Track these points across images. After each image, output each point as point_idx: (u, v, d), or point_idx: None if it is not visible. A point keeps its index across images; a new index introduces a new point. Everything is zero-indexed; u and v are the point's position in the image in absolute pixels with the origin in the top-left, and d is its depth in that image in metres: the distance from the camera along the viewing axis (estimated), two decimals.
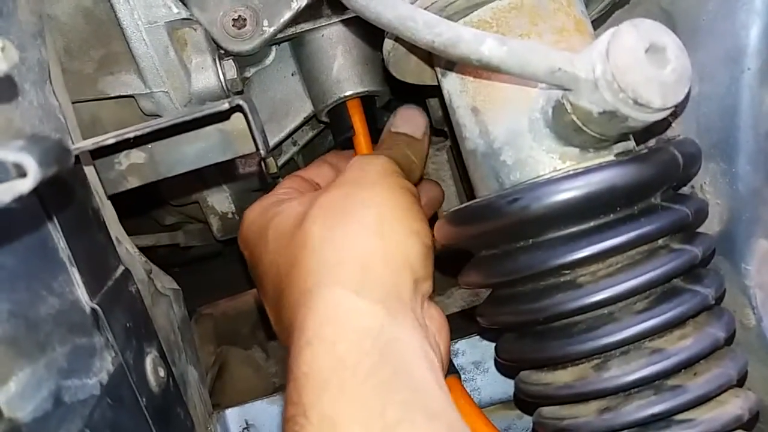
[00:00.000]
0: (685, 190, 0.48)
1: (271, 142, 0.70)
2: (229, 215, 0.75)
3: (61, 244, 0.32)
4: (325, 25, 0.65)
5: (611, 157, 0.41)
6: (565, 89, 0.37)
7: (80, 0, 0.57)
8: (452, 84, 0.45)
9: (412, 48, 0.46)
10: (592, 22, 0.50)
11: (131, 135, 0.33)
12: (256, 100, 0.70)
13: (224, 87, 0.60)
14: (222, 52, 0.63)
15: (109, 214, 0.42)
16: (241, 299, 0.96)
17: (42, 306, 0.30)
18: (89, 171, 0.39)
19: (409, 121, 0.60)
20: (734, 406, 0.39)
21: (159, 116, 0.61)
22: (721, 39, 0.44)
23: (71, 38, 0.58)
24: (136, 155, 0.40)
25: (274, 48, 0.69)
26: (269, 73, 0.70)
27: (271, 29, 0.63)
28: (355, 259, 0.43)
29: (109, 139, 0.33)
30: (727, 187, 0.45)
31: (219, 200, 0.72)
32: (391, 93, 0.70)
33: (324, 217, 0.45)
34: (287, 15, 0.63)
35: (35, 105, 0.36)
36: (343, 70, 0.66)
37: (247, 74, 0.70)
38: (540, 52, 0.36)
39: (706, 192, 0.46)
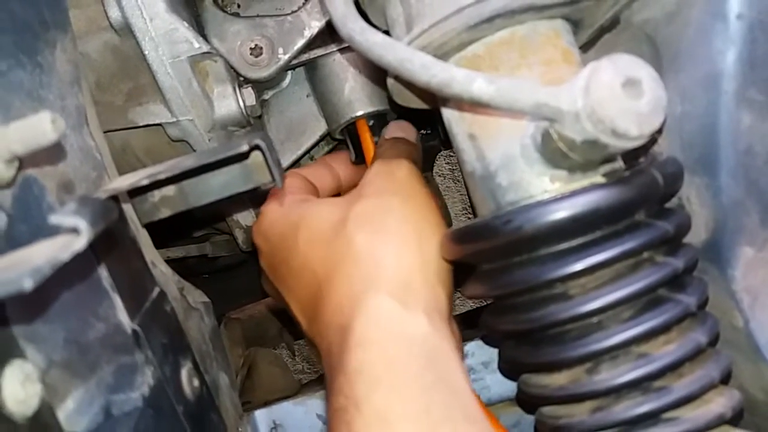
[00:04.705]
0: (675, 201, 0.51)
1: (290, 160, 0.74)
2: None
3: (104, 274, 0.37)
4: (336, 50, 0.69)
5: (598, 178, 0.44)
6: (551, 120, 0.41)
7: (108, 38, 0.62)
8: (451, 112, 0.49)
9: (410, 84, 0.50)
10: (584, 44, 0.54)
11: (163, 176, 0.37)
12: (274, 120, 0.75)
13: (244, 113, 0.65)
14: (241, 79, 0.68)
15: (144, 240, 0.46)
16: (266, 303, 1.01)
17: (90, 331, 0.34)
18: (125, 204, 0.44)
19: (402, 130, 0.63)
20: (717, 404, 0.43)
21: (185, 141, 0.66)
22: (700, 63, 0.47)
23: (101, 73, 0.63)
24: (167, 188, 0.44)
25: (289, 72, 0.74)
26: (286, 95, 0.75)
27: (286, 56, 0.68)
28: (398, 272, 0.46)
29: (143, 180, 0.37)
30: (711, 199, 0.48)
31: (243, 215, 0.76)
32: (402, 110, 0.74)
33: (365, 226, 0.48)
34: (300, 42, 0.68)
35: (75, 148, 0.41)
36: (354, 92, 0.70)
37: (266, 97, 0.75)
38: (526, 89, 0.40)
39: (692, 203, 0.50)
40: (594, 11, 0.49)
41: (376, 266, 0.46)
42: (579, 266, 0.42)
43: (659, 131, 0.50)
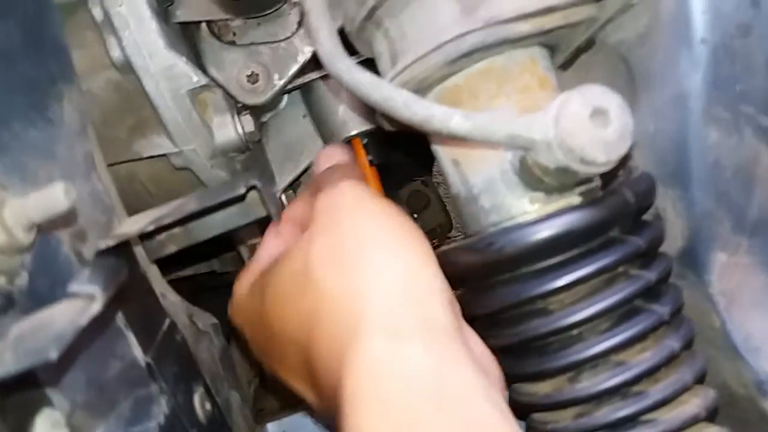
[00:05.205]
0: (652, 211, 0.54)
1: (289, 179, 0.78)
2: (257, 245, 0.83)
3: (119, 314, 0.40)
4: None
5: (574, 198, 0.47)
6: (526, 149, 0.44)
7: (111, 75, 0.65)
8: (436, 140, 0.52)
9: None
10: (563, 64, 0.57)
11: (168, 220, 0.41)
12: (272, 141, 0.78)
13: (243, 140, 0.68)
14: (240, 105, 0.71)
15: (153, 274, 0.50)
16: None
17: (108, 370, 0.38)
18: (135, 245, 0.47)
19: (331, 157, 0.57)
20: (692, 405, 0.46)
21: (189, 169, 0.69)
22: (669, 84, 0.50)
23: (106, 109, 0.66)
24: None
25: (286, 95, 0.77)
26: (283, 117, 0.78)
27: (281, 81, 0.71)
28: (379, 302, 0.39)
29: (149, 225, 0.41)
30: (685, 210, 0.51)
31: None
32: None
33: (326, 269, 0.42)
34: (294, 68, 0.71)
35: (84, 196, 0.44)
36: (348, 112, 0.73)
37: (264, 119, 0.78)
38: (500, 122, 0.43)
39: (668, 214, 0.52)
40: (569, 36, 0.52)
41: (352, 307, 0.40)
42: (557, 284, 0.45)
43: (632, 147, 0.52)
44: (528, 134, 0.43)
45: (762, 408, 0.52)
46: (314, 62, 0.71)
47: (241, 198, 0.44)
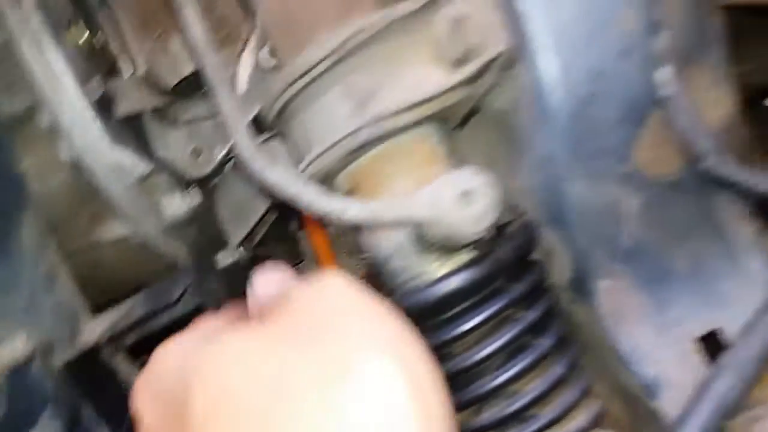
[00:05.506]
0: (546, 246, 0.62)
1: (242, 235, 0.86)
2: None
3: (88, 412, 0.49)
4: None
5: (464, 257, 0.56)
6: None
7: (64, 174, 0.73)
8: None
9: None
10: (457, 125, 0.65)
11: (122, 326, 0.49)
12: (222, 202, 0.86)
13: (192, 212, 0.77)
14: (188, 179, 0.79)
15: (120, 363, 0.59)
16: None
17: None
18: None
19: (269, 284, 0.45)
20: (579, 420, 0.55)
21: (147, 245, 0.77)
22: (537, 147, 0.58)
23: (64, 205, 0.74)
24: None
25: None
26: (230, 178, 0.86)
27: (222, 152, 0.79)
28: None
29: (106, 334, 0.49)
30: (568, 247, 0.60)
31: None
32: None
33: (317, 389, 0.31)
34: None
35: (47, 309, 0.52)
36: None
37: (212, 184, 0.86)
38: (388, 208, 0.52)
39: (557, 250, 0.61)
40: (455, 110, 0.60)
41: None
42: (454, 333, 0.54)
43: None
44: (411, 216, 0.51)
45: (652, 407, 0.61)
46: None
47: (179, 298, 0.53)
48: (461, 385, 0.56)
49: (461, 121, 0.65)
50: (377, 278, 0.62)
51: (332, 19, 0.54)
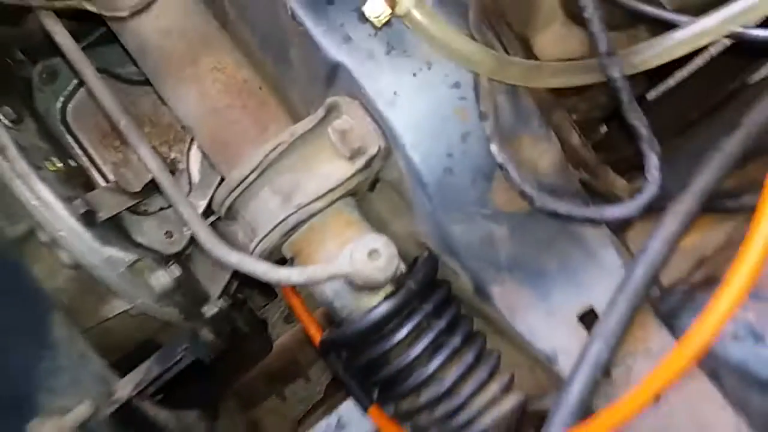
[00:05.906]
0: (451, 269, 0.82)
1: (219, 289, 1.05)
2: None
3: None
4: None
5: (389, 288, 0.75)
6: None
7: (68, 273, 0.91)
8: None
9: None
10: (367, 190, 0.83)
11: (142, 386, 0.69)
12: (199, 266, 1.05)
13: (176, 282, 0.95)
14: (166, 256, 0.98)
15: (147, 409, 0.78)
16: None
17: None
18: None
19: None
20: (491, 391, 0.75)
21: (147, 315, 0.96)
22: (419, 206, 0.75)
23: (73, 295, 0.92)
24: None
25: None
26: (200, 248, 1.04)
27: (189, 231, 0.97)
28: None
29: (134, 391, 0.68)
30: (463, 269, 0.79)
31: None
32: None
33: None
34: None
35: (89, 381, 0.71)
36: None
37: (187, 253, 1.04)
38: (321, 270, 0.71)
39: (458, 271, 0.79)
40: (358, 188, 0.79)
41: None
42: (388, 345, 0.74)
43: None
44: (337, 273, 0.71)
45: (555, 371, 0.80)
46: (209, 209, 0.98)
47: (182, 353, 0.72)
48: (401, 380, 0.76)
49: (370, 187, 0.84)
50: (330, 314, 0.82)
51: (253, 137, 0.73)
